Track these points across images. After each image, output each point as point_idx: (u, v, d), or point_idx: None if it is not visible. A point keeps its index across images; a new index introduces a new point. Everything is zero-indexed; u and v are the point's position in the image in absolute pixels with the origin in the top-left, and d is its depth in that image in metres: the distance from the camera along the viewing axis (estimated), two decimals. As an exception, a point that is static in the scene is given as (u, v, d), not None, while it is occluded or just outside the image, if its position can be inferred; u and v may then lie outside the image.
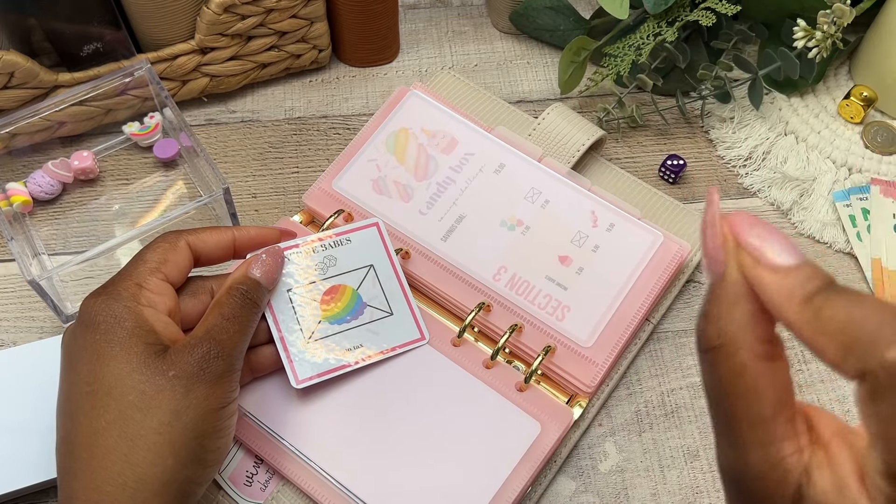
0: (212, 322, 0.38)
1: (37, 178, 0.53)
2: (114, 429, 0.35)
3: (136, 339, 0.36)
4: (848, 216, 0.54)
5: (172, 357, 0.36)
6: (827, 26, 0.52)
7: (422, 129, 0.53)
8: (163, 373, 0.35)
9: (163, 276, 0.39)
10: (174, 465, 0.35)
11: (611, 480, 0.46)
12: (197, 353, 0.36)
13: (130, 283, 0.38)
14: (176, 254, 0.39)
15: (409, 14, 0.65)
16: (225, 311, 0.38)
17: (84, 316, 0.37)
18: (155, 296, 0.38)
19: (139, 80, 0.53)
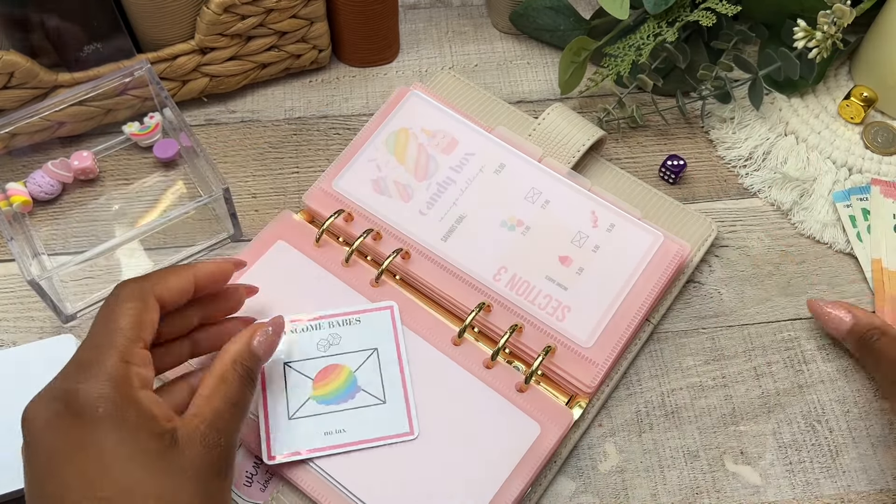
0: (219, 407, 0.36)
1: (37, 178, 0.53)
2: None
3: (143, 432, 0.33)
4: (848, 216, 0.54)
5: (185, 453, 0.34)
6: (827, 27, 0.52)
7: (422, 129, 0.53)
8: (180, 472, 0.33)
9: (143, 344, 0.36)
10: None
11: (611, 481, 0.46)
12: (208, 444, 0.35)
13: (116, 359, 0.34)
14: (148, 313, 0.37)
15: (409, 14, 0.65)
16: (230, 395, 0.37)
17: (72, 404, 0.33)
18: (142, 369, 0.35)
19: (139, 80, 0.53)
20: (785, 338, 0.51)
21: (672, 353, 0.50)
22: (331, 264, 0.49)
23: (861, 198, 0.54)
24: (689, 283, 0.53)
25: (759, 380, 0.49)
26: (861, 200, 0.54)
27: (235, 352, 0.39)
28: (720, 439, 0.47)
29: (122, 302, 0.36)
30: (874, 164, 0.56)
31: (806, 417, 0.48)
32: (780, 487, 0.46)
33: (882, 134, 0.57)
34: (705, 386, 0.49)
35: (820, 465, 0.46)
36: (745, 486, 0.46)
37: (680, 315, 0.51)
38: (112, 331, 0.35)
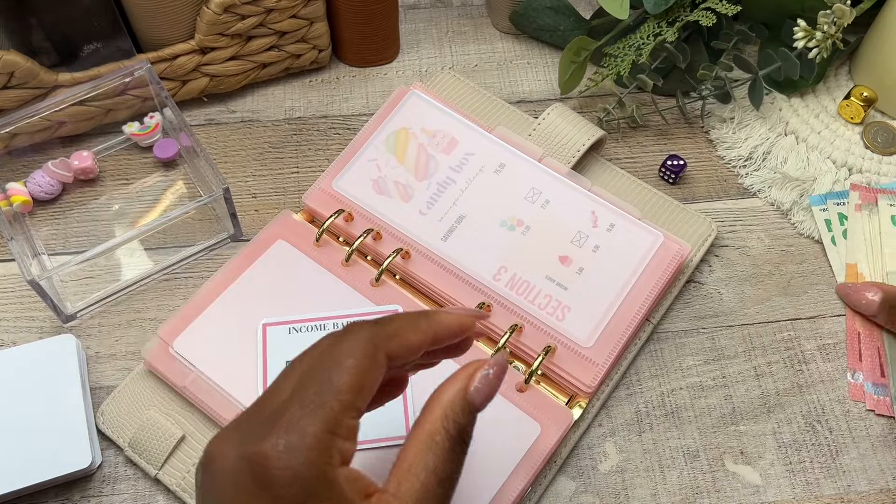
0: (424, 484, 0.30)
1: (37, 178, 0.53)
2: None
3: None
4: (824, 220, 0.54)
5: None
6: (827, 27, 0.52)
7: (422, 129, 0.53)
8: None
9: (356, 414, 0.30)
10: None
11: (611, 481, 0.46)
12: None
13: (320, 428, 0.28)
14: (374, 375, 0.30)
15: (410, 14, 0.65)
16: (438, 467, 0.30)
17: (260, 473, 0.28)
18: (346, 443, 0.29)
19: (139, 80, 0.53)
20: (785, 338, 0.51)
21: (672, 353, 0.50)
22: (331, 264, 0.49)
23: (838, 202, 0.54)
24: (689, 283, 0.53)
25: (759, 380, 0.49)
26: (837, 205, 0.54)
27: (447, 403, 0.31)
28: (720, 439, 0.47)
29: (348, 354, 0.30)
30: (874, 164, 0.56)
31: (806, 417, 0.48)
32: (780, 487, 0.46)
33: (882, 134, 0.57)
34: (705, 386, 0.49)
35: (820, 465, 0.46)
36: (745, 486, 0.46)
37: (680, 315, 0.51)
38: (326, 390, 0.29)
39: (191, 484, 0.45)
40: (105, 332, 0.50)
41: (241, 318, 0.47)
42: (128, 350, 0.50)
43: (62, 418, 0.45)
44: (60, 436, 0.44)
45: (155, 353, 0.47)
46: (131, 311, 0.51)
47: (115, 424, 0.46)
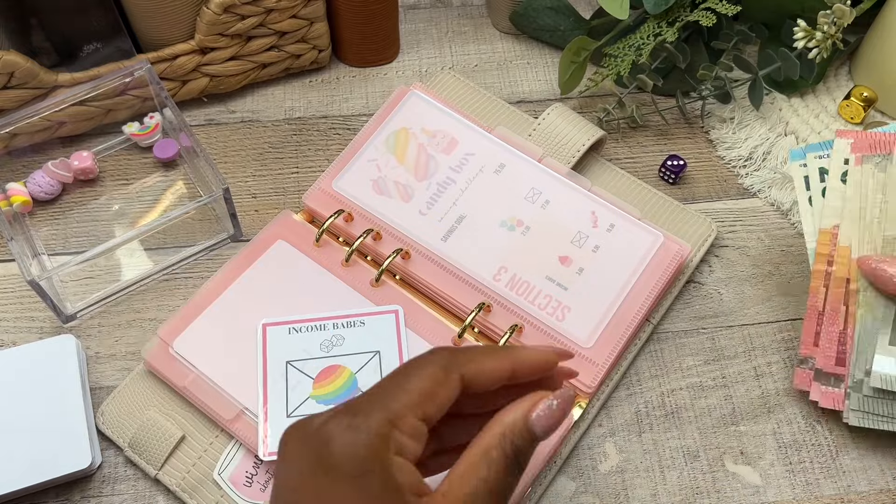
0: (475, 491, 0.30)
1: (37, 179, 0.53)
2: None
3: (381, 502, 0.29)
4: (802, 177, 0.46)
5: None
6: (827, 27, 0.52)
7: (422, 129, 0.53)
8: None
9: (422, 415, 0.31)
10: None
11: (611, 481, 0.46)
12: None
13: (382, 417, 0.30)
14: (446, 389, 0.31)
15: (410, 14, 0.65)
16: (490, 479, 0.30)
17: (321, 448, 0.30)
18: (407, 440, 0.30)
19: (139, 80, 0.53)
20: (785, 338, 0.50)
21: (672, 353, 0.50)
22: (331, 264, 0.49)
23: (819, 155, 0.45)
24: (689, 283, 0.53)
25: (759, 380, 0.49)
26: (819, 158, 0.45)
27: (507, 424, 0.32)
28: (720, 439, 0.47)
29: (425, 366, 0.32)
30: (874, 164, 0.56)
31: (806, 417, 0.48)
32: (780, 488, 0.46)
33: (882, 134, 0.57)
34: (705, 386, 0.49)
35: (820, 465, 0.46)
36: (746, 487, 0.46)
37: (680, 315, 0.51)
38: (396, 389, 0.31)
39: (191, 484, 0.45)
40: (105, 332, 0.50)
41: (241, 319, 0.47)
42: (128, 350, 0.50)
43: (62, 418, 0.45)
44: (60, 436, 0.44)
45: (155, 354, 0.47)
46: (131, 311, 0.51)
47: (115, 425, 0.46)
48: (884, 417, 0.43)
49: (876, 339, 0.43)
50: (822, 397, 0.45)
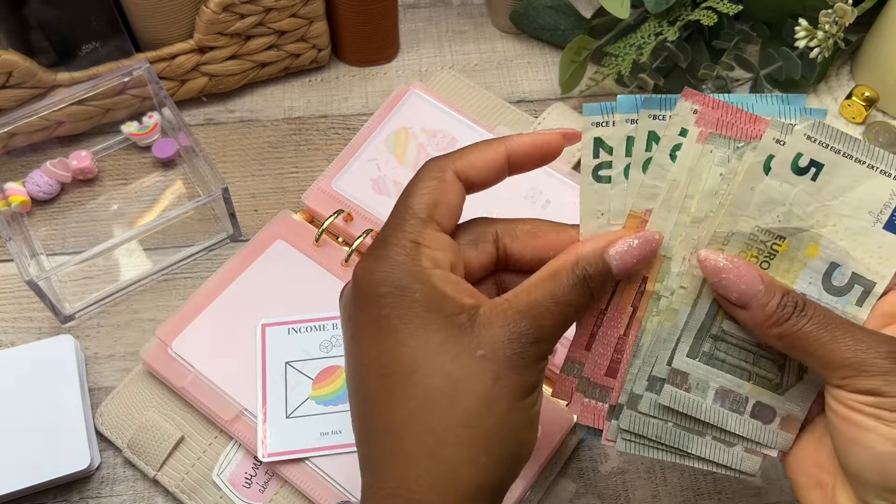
0: (538, 299, 0.30)
1: (35, 178, 0.53)
2: (417, 420, 0.30)
3: (433, 312, 0.30)
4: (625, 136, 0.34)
5: (481, 331, 0.30)
6: (828, 26, 0.52)
7: (422, 129, 0.53)
8: (471, 352, 0.30)
9: (436, 226, 0.32)
10: (487, 463, 0.30)
11: (611, 482, 0.46)
12: (513, 331, 0.30)
13: (404, 241, 0.31)
14: (446, 192, 0.32)
15: (409, 13, 0.65)
16: (558, 293, 0.31)
17: (361, 285, 0.31)
18: (436, 252, 0.31)
19: (138, 79, 0.53)
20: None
21: (673, 353, 0.50)
22: (330, 264, 0.49)
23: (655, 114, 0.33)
24: (690, 283, 0.52)
25: (760, 380, 0.49)
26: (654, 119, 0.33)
27: (582, 253, 0.31)
28: (721, 440, 0.47)
29: (418, 181, 0.32)
30: (876, 163, 0.56)
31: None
32: (782, 489, 0.46)
33: (884, 134, 0.57)
34: (706, 387, 0.49)
35: (821, 467, 0.46)
36: (747, 488, 0.46)
37: (681, 315, 0.51)
38: (401, 212, 0.32)
39: (189, 485, 0.45)
40: (104, 332, 0.50)
41: (240, 319, 0.47)
42: (126, 350, 0.49)
43: (61, 419, 0.45)
44: (59, 437, 0.44)
45: (154, 354, 0.46)
46: (130, 311, 0.51)
47: (114, 425, 0.46)
48: (653, 443, 0.35)
49: (672, 350, 0.34)
50: (583, 411, 0.35)
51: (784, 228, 0.33)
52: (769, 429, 0.34)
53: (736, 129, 0.32)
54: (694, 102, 0.33)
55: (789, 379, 0.34)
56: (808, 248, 0.33)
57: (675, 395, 0.34)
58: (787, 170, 0.32)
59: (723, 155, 0.33)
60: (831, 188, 0.32)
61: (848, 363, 0.30)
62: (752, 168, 0.32)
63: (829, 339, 0.30)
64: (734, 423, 0.34)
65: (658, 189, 0.33)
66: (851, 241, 0.33)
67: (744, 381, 0.34)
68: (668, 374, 0.34)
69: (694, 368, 0.34)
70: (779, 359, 0.34)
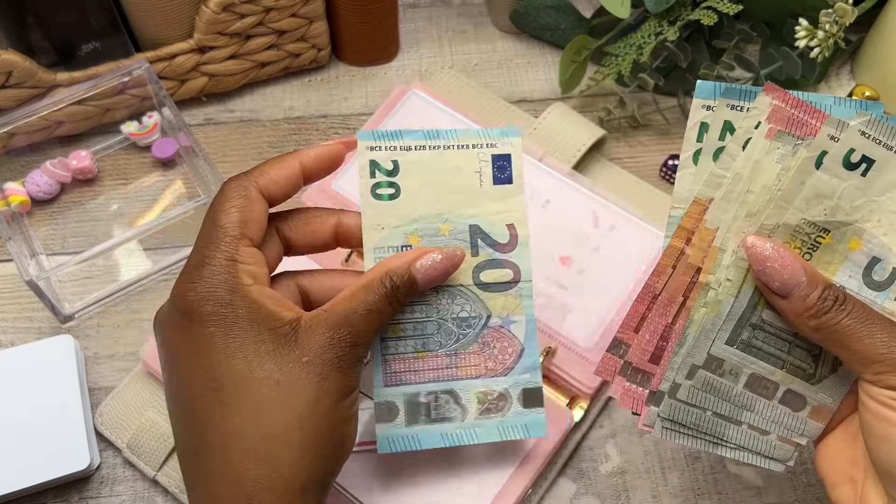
0: (354, 307, 0.33)
1: (35, 178, 0.53)
2: (250, 428, 0.31)
3: (257, 325, 0.32)
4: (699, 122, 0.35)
5: (304, 340, 0.32)
6: (829, 26, 0.52)
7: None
8: (296, 359, 0.32)
9: (248, 242, 0.34)
10: (316, 460, 0.32)
11: (612, 482, 0.46)
12: (333, 337, 0.33)
13: (222, 259, 0.33)
14: (252, 209, 0.34)
15: (409, 13, 0.64)
16: (370, 302, 0.34)
17: (183, 305, 0.33)
18: (252, 266, 0.34)
19: (138, 79, 0.53)
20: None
21: (673, 353, 0.50)
22: (330, 264, 0.49)
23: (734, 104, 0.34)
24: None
25: (760, 380, 0.49)
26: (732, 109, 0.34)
27: (390, 267, 0.35)
28: (721, 440, 0.47)
29: (223, 200, 0.34)
30: (876, 163, 0.56)
31: (808, 418, 0.48)
32: (782, 489, 0.46)
33: (884, 133, 0.57)
34: (706, 387, 0.49)
35: (822, 467, 0.46)
36: (747, 488, 0.46)
37: (681, 315, 0.51)
38: (214, 230, 0.34)
39: (189, 485, 0.45)
40: (103, 332, 0.50)
41: (240, 319, 0.47)
42: (126, 351, 0.49)
43: (60, 419, 0.45)
44: (59, 437, 0.44)
45: (153, 354, 0.46)
46: (130, 311, 0.51)
47: (114, 425, 0.46)
48: (690, 430, 0.36)
49: (712, 339, 0.35)
50: (623, 395, 0.36)
51: (829, 222, 0.33)
52: (798, 416, 0.35)
53: (805, 129, 0.33)
54: (774, 97, 0.33)
55: (823, 370, 0.35)
56: (851, 241, 0.33)
57: (707, 380, 0.35)
58: (838, 164, 0.33)
59: (785, 152, 0.33)
60: (880, 184, 0.33)
61: (882, 359, 0.31)
62: (805, 163, 0.33)
63: (865, 334, 0.31)
64: (762, 407, 0.35)
65: (722, 180, 0.34)
66: (895, 237, 0.33)
67: (777, 369, 0.35)
68: (704, 361, 0.35)
69: (730, 355, 0.35)
70: (814, 349, 0.35)
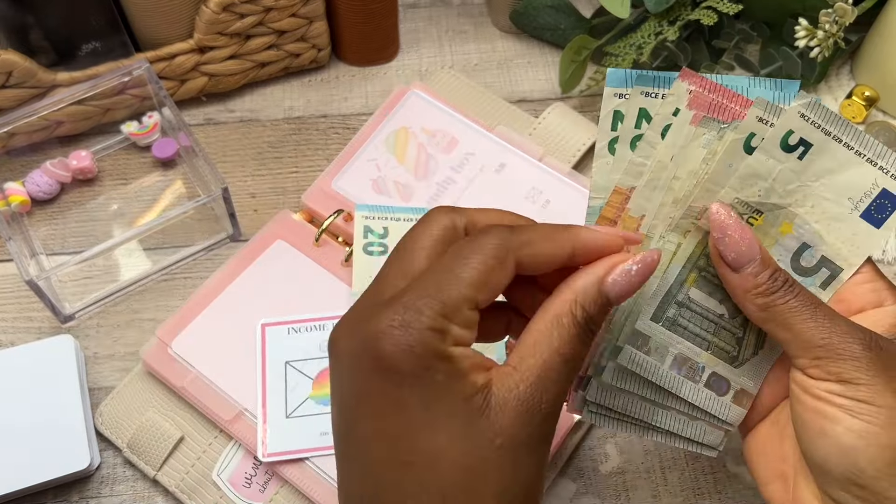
0: (545, 360, 0.29)
1: (35, 178, 0.53)
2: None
3: (451, 394, 0.28)
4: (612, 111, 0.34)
5: (496, 418, 0.28)
6: (829, 25, 0.52)
7: (422, 129, 0.53)
8: (489, 441, 0.28)
9: (474, 305, 0.29)
10: None
11: (612, 482, 0.46)
12: (526, 409, 0.28)
13: (436, 312, 0.28)
14: (499, 276, 0.29)
15: (409, 13, 0.64)
16: (562, 346, 0.29)
17: (376, 351, 0.28)
18: (462, 331, 0.29)
19: (138, 79, 0.53)
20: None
21: (673, 353, 0.50)
22: (330, 264, 0.49)
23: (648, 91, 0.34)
24: (690, 283, 0.52)
25: (760, 380, 0.49)
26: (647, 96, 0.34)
27: (579, 289, 0.30)
28: (721, 440, 0.47)
29: (477, 250, 0.29)
30: (876, 163, 0.56)
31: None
32: (782, 488, 0.46)
33: (884, 134, 0.57)
34: (706, 386, 0.49)
35: (822, 466, 0.46)
36: (747, 488, 0.46)
37: (681, 315, 0.51)
38: (448, 279, 0.29)
39: (189, 485, 0.44)
40: (103, 332, 0.50)
41: (239, 319, 0.47)
42: (126, 350, 0.49)
43: (60, 419, 0.45)
44: (59, 437, 0.44)
45: (153, 354, 0.46)
46: (130, 311, 0.51)
47: (114, 425, 0.46)
48: (618, 415, 0.36)
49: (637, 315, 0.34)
50: None
51: (763, 203, 0.33)
52: (722, 401, 0.34)
53: (728, 113, 0.32)
54: (691, 83, 0.32)
55: (745, 352, 0.34)
56: (783, 225, 0.33)
57: (633, 357, 0.34)
58: (776, 146, 0.32)
59: (710, 137, 0.32)
60: (816, 169, 0.32)
61: (822, 343, 0.30)
62: (732, 145, 0.32)
63: (809, 317, 0.30)
64: (688, 391, 0.34)
65: (643, 168, 0.33)
66: (826, 224, 0.33)
67: (702, 350, 0.34)
68: (629, 336, 0.34)
69: (656, 332, 0.34)
70: (738, 331, 0.34)
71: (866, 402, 0.29)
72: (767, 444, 0.34)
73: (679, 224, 0.33)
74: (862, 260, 0.33)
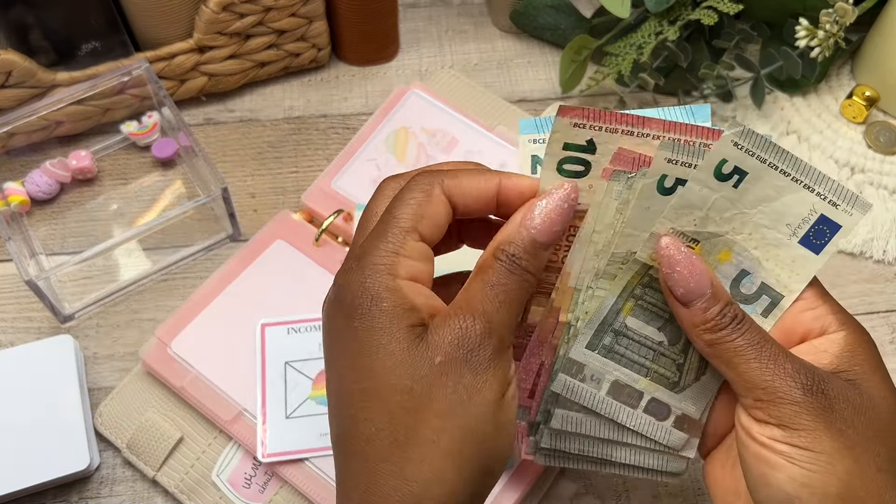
0: (473, 290, 0.31)
1: (34, 178, 0.53)
2: (383, 437, 0.29)
3: (396, 321, 0.30)
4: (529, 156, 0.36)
5: (433, 338, 0.29)
6: (829, 25, 0.52)
7: (422, 129, 0.53)
8: (429, 360, 0.29)
9: (418, 237, 0.31)
10: (456, 479, 0.29)
11: (612, 482, 0.46)
12: (460, 329, 0.29)
13: (384, 250, 0.31)
14: (431, 206, 0.31)
15: (409, 13, 0.64)
16: (488, 278, 0.31)
17: (339, 293, 0.31)
18: (414, 262, 0.31)
19: (137, 79, 0.53)
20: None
21: (673, 353, 0.50)
22: (330, 264, 0.49)
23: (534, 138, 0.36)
24: (691, 283, 0.52)
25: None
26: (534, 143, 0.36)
27: (499, 237, 0.31)
28: (721, 440, 0.47)
29: (405, 192, 0.32)
30: (876, 163, 0.56)
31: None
32: (782, 489, 0.46)
33: (884, 133, 0.57)
34: (707, 387, 0.49)
35: (822, 467, 0.46)
36: (747, 488, 0.46)
37: (681, 315, 0.51)
38: (386, 220, 0.31)
39: (189, 485, 0.44)
40: (103, 332, 0.50)
41: (239, 319, 0.47)
42: (126, 351, 0.49)
43: (60, 419, 0.45)
44: (58, 437, 0.44)
45: (153, 354, 0.46)
46: (129, 311, 0.51)
47: (114, 425, 0.46)
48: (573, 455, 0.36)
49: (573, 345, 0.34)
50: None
51: (699, 232, 0.32)
52: (663, 426, 0.34)
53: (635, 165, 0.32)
54: (573, 117, 0.32)
55: (687, 378, 0.34)
56: (721, 252, 0.33)
57: (567, 384, 0.34)
58: (709, 175, 0.31)
59: (619, 189, 0.32)
60: (752, 197, 0.32)
61: (765, 385, 0.30)
62: (645, 189, 0.32)
63: (753, 358, 0.30)
64: (626, 417, 0.34)
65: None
66: (765, 251, 0.32)
67: (640, 377, 0.34)
68: (563, 364, 0.34)
69: (591, 360, 0.34)
70: (678, 358, 0.34)
71: (806, 449, 0.29)
72: (721, 474, 0.34)
73: (606, 271, 0.33)
74: (802, 286, 0.32)
